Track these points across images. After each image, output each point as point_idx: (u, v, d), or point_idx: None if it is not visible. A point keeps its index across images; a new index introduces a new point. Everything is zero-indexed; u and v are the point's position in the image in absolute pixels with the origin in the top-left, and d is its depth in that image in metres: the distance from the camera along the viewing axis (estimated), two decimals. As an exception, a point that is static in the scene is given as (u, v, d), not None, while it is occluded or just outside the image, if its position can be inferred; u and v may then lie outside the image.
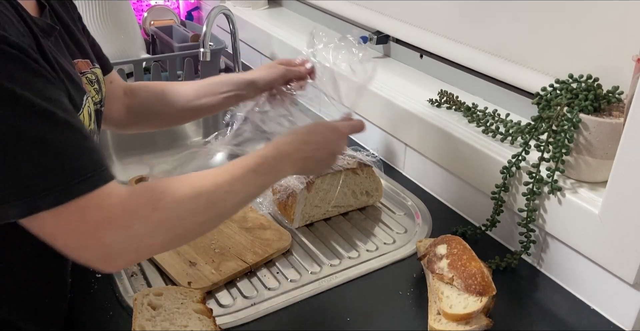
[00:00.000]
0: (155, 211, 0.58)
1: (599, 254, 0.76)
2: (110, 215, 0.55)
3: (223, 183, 0.64)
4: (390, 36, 1.28)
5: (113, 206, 0.55)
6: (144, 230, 0.57)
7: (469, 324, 0.72)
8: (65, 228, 0.54)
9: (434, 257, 0.79)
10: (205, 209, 0.62)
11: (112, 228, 0.55)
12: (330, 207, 0.99)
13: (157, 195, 0.59)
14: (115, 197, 0.56)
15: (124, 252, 0.57)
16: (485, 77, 1.06)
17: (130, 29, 1.51)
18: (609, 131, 0.75)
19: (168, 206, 0.59)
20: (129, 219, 0.56)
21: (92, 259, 0.57)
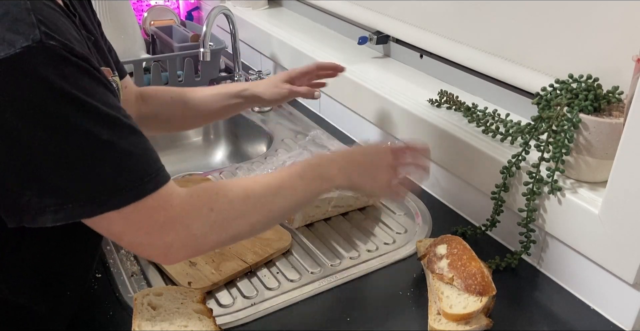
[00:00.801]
0: (211, 211, 0.63)
1: (599, 254, 0.76)
2: (172, 216, 0.60)
3: (272, 187, 0.68)
4: (390, 36, 1.28)
5: (175, 207, 0.60)
6: (201, 230, 0.62)
7: (469, 324, 0.72)
8: (133, 228, 0.59)
9: (434, 257, 0.79)
10: (255, 211, 0.67)
11: (174, 229, 0.60)
12: (330, 207, 0.99)
13: (213, 196, 0.64)
14: (177, 197, 0.61)
15: (182, 249, 0.62)
16: (485, 77, 1.06)
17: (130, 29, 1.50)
18: (609, 131, 0.75)
19: (223, 208, 0.64)
20: (189, 219, 0.61)
21: (154, 255, 0.63)
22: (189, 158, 1.47)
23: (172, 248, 0.61)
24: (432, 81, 1.17)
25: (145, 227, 0.59)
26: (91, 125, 0.54)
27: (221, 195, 0.64)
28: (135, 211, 0.58)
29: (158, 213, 0.59)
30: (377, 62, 1.28)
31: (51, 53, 0.52)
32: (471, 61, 1.06)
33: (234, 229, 0.65)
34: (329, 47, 1.38)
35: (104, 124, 0.55)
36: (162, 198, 0.59)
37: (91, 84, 0.55)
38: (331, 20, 1.50)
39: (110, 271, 0.85)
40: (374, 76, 1.20)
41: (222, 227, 0.64)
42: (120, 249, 0.91)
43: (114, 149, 0.56)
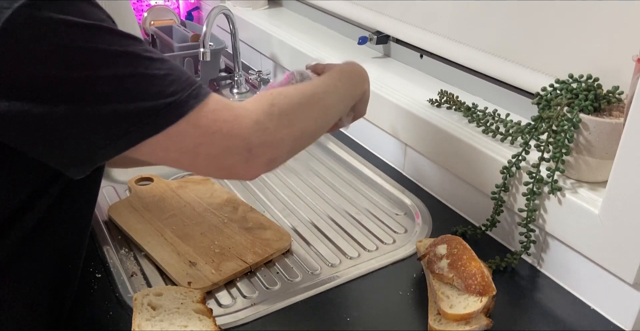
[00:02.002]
0: (273, 106, 0.65)
1: (599, 254, 0.76)
2: (238, 113, 0.61)
3: (320, 87, 0.75)
4: (390, 36, 1.28)
5: (237, 107, 0.62)
6: (270, 123, 0.63)
7: (469, 324, 0.72)
8: (207, 133, 0.59)
9: (434, 257, 0.79)
10: (312, 105, 0.71)
11: (245, 124, 0.61)
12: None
13: (269, 95, 0.66)
14: (232, 101, 0.63)
15: (262, 146, 0.63)
16: (485, 77, 1.06)
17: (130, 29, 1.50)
18: (609, 131, 0.75)
19: (283, 102, 0.66)
20: (254, 114, 0.62)
21: (236, 162, 0.62)
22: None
23: (252, 148, 0.61)
24: (432, 81, 1.17)
25: (218, 128, 0.59)
26: (128, 44, 0.56)
27: (277, 93, 0.67)
28: (203, 116, 0.59)
29: (225, 113, 0.60)
30: (377, 62, 1.28)
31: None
32: (471, 61, 1.06)
33: (300, 121, 0.68)
34: (329, 47, 1.38)
35: (138, 43, 0.57)
36: (221, 100, 0.61)
37: (108, 21, 0.58)
38: (331, 20, 1.50)
39: (110, 271, 0.85)
40: (374, 76, 1.19)
41: (289, 119, 0.66)
42: (120, 249, 0.91)
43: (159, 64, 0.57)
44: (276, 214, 1.02)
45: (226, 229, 0.95)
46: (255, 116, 0.62)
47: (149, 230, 0.94)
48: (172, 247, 0.90)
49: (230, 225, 0.96)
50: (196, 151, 0.60)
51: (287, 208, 1.04)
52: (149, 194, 1.05)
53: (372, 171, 1.13)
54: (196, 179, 1.11)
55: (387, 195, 1.07)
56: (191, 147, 0.59)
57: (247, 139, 0.61)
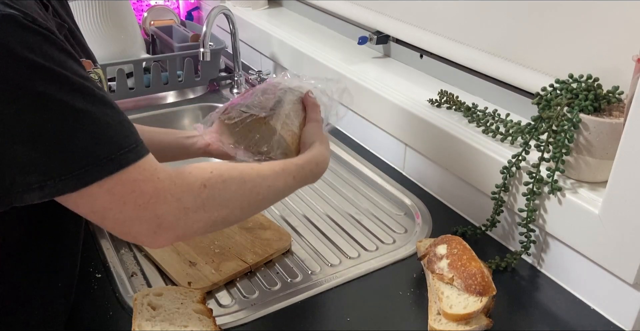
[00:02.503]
0: (204, 188, 0.61)
1: (599, 254, 0.76)
2: (161, 187, 0.57)
3: (267, 177, 0.68)
4: (390, 36, 1.28)
5: (163, 180, 0.58)
6: (193, 204, 0.59)
7: (469, 324, 0.72)
8: (118, 202, 0.56)
9: (434, 257, 0.79)
10: (248, 195, 0.66)
11: (164, 199, 0.57)
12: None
13: (206, 174, 0.62)
14: (163, 171, 0.58)
15: (174, 224, 0.59)
16: (485, 77, 1.06)
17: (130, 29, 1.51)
18: (609, 131, 0.75)
19: (217, 185, 0.62)
20: (179, 191, 0.59)
21: (143, 232, 0.58)
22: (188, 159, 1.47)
23: (163, 223, 0.58)
24: (432, 81, 1.17)
25: (132, 199, 0.56)
26: (63, 94, 0.52)
27: (215, 174, 0.62)
28: (120, 184, 0.55)
29: (145, 185, 0.56)
30: (377, 62, 1.28)
31: (11, 21, 0.50)
32: (471, 61, 1.06)
33: (226, 209, 0.63)
34: (329, 47, 1.38)
35: (76, 93, 0.53)
36: (147, 170, 0.57)
37: (59, 54, 0.53)
38: (331, 20, 1.50)
39: (110, 271, 0.85)
40: (374, 76, 1.20)
41: (215, 205, 0.62)
42: (120, 249, 0.91)
43: (89, 119, 0.53)
44: (276, 214, 1.02)
45: (226, 229, 0.95)
46: (180, 194, 0.58)
47: (149, 230, 0.94)
48: (172, 247, 0.90)
49: (230, 225, 0.96)
50: (104, 214, 0.57)
51: (287, 208, 1.04)
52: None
53: (372, 171, 1.13)
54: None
55: (387, 195, 1.07)
56: (100, 209, 0.56)
57: (160, 217, 0.58)
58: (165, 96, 1.52)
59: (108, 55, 1.42)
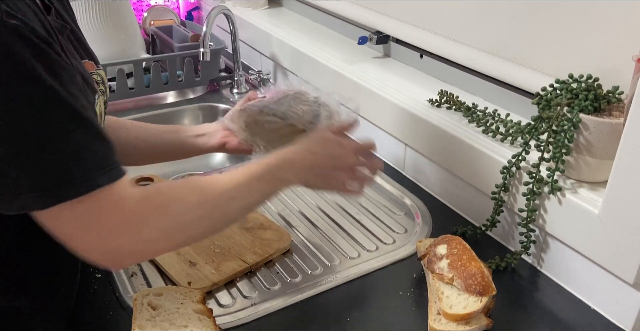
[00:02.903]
0: (164, 216, 0.61)
1: (599, 254, 0.76)
2: (125, 219, 0.58)
3: (228, 190, 0.66)
4: (390, 36, 1.28)
5: (128, 211, 0.58)
6: (153, 236, 0.60)
7: (469, 324, 0.72)
8: (84, 228, 0.57)
9: (434, 257, 0.79)
10: (211, 215, 0.65)
11: (125, 233, 0.58)
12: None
13: (167, 201, 0.62)
14: (131, 200, 0.59)
15: (130, 254, 0.61)
16: (485, 77, 1.06)
17: (130, 29, 1.51)
18: (609, 131, 0.75)
19: (176, 213, 0.62)
20: (141, 224, 0.59)
21: (101, 259, 0.60)
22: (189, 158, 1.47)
23: (121, 252, 0.60)
24: (432, 81, 1.17)
25: (96, 228, 0.57)
26: (48, 109, 0.52)
27: (176, 200, 0.63)
28: (88, 212, 0.56)
29: (111, 215, 0.57)
30: (377, 62, 1.28)
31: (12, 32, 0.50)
32: (471, 61, 1.06)
33: (185, 235, 0.64)
34: (329, 47, 1.38)
35: (61, 110, 0.53)
36: (116, 199, 0.58)
37: (53, 68, 0.53)
38: (331, 20, 1.50)
39: (110, 271, 0.85)
40: (374, 76, 1.20)
41: (174, 233, 0.62)
42: (120, 249, 0.91)
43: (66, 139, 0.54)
44: (276, 214, 1.02)
45: (226, 229, 0.95)
46: (141, 226, 0.59)
47: (149, 230, 0.94)
48: (172, 247, 0.90)
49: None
50: (70, 237, 0.58)
51: (287, 208, 1.04)
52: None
53: (372, 171, 1.13)
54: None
55: (387, 195, 1.07)
56: (66, 232, 0.57)
57: (120, 247, 0.59)
58: (165, 96, 1.52)
59: (108, 55, 1.42)
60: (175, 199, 0.63)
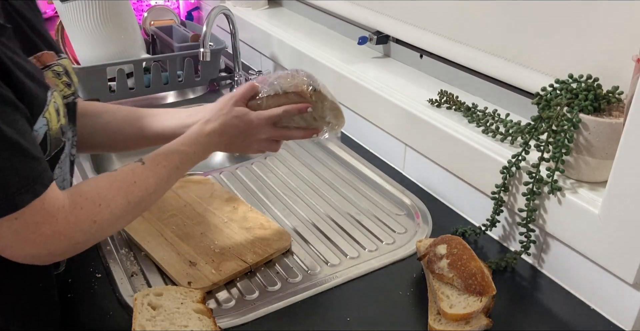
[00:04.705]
0: (94, 223, 0.66)
1: (599, 254, 0.76)
2: (58, 229, 0.62)
3: (151, 186, 0.72)
4: (390, 36, 1.28)
5: (60, 221, 0.62)
6: (84, 239, 0.66)
7: (469, 324, 0.72)
8: (20, 241, 0.61)
9: (434, 257, 0.79)
10: (136, 210, 0.72)
11: (59, 241, 0.63)
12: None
13: (96, 209, 0.66)
14: (62, 211, 0.63)
15: (64, 255, 0.68)
16: (485, 77, 1.06)
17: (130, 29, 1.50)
18: (609, 131, 0.75)
19: (105, 218, 0.67)
20: (73, 232, 0.64)
21: (36, 262, 0.66)
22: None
23: (55, 257, 0.66)
24: (432, 81, 1.17)
25: (31, 240, 0.61)
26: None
27: (104, 207, 0.67)
28: (23, 226, 0.60)
29: (44, 228, 0.61)
30: (377, 62, 1.28)
31: None
32: (471, 60, 1.06)
33: (114, 229, 0.70)
34: (329, 47, 1.38)
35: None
36: (46, 213, 0.61)
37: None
38: (331, 20, 1.50)
39: (110, 271, 0.85)
40: (374, 76, 1.20)
41: (103, 233, 0.68)
42: (120, 249, 0.91)
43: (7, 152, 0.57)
44: (276, 214, 1.02)
45: (226, 229, 0.95)
46: (73, 233, 0.64)
47: (149, 230, 0.94)
48: (172, 247, 0.90)
49: (230, 225, 0.96)
50: (3, 249, 0.62)
51: (287, 208, 1.04)
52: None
53: (372, 171, 1.13)
54: (196, 179, 1.11)
55: (387, 195, 1.07)
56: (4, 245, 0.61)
57: (53, 253, 0.64)
58: (165, 96, 1.52)
59: (108, 55, 1.42)
60: (104, 206, 0.67)
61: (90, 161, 1.17)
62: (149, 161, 0.74)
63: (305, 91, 0.85)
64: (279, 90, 0.85)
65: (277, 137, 0.87)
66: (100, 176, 0.71)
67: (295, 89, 0.85)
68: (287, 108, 0.84)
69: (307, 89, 0.85)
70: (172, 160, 0.76)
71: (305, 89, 0.85)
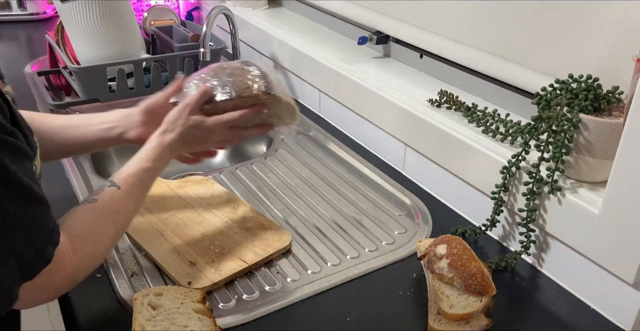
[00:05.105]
0: (93, 260, 0.70)
1: (599, 254, 0.76)
2: (66, 274, 0.65)
3: (131, 210, 0.76)
4: (390, 36, 1.28)
5: (68, 266, 0.65)
6: (84, 275, 0.70)
7: (468, 324, 0.72)
8: (38, 291, 0.63)
9: (433, 257, 0.79)
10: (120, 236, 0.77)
11: (66, 284, 0.67)
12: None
13: (93, 246, 0.69)
14: (67, 256, 0.65)
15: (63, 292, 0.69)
16: (485, 77, 1.06)
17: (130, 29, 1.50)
18: (609, 131, 0.75)
19: (101, 253, 0.71)
20: (77, 272, 0.67)
21: (42, 303, 0.67)
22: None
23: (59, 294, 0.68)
24: (432, 81, 1.17)
25: (43, 289, 0.63)
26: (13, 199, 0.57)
27: (99, 243, 0.70)
28: (40, 278, 0.61)
29: (56, 275, 0.63)
30: (377, 62, 1.29)
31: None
32: (471, 60, 1.06)
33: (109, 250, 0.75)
34: (329, 47, 1.38)
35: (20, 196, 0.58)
36: (59, 259, 0.63)
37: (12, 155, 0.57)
38: (331, 20, 1.50)
39: (110, 271, 0.85)
40: (374, 76, 1.20)
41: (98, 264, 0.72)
42: (120, 249, 0.91)
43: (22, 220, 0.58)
44: (276, 214, 1.02)
45: (226, 229, 0.95)
46: (76, 274, 0.67)
47: (149, 230, 0.94)
48: (172, 247, 0.90)
49: (230, 225, 0.96)
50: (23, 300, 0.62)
51: (287, 208, 1.04)
52: (149, 194, 1.04)
53: (372, 171, 1.13)
54: (196, 179, 1.11)
55: (387, 195, 1.07)
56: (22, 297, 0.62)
57: (58, 292, 0.67)
58: (165, 96, 1.51)
59: (108, 55, 1.42)
60: (99, 242, 0.70)
61: (90, 162, 1.17)
62: (123, 183, 0.76)
63: (260, 95, 0.85)
64: (234, 94, 0.85)
65: (234, 138, 0.90)
66: (83, 210, 0.72)
67: (249, 94, 0.85)
68: (243, 113, 0.86)
69: (261, 93, 0.85)
70: (144, 179, 0.79)
71: (260, 94, 0.85)
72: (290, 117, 0.91)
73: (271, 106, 0.88)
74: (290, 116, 0.91)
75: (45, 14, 2.11)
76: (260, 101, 0.86)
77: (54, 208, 0.64)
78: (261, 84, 0.85)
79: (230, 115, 0.85)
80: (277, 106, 0.88)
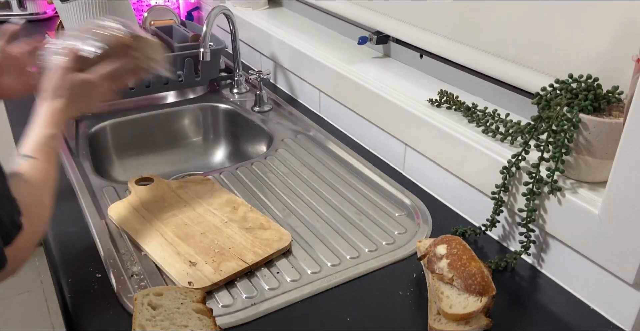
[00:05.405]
0: (45, 224, 0.77)
1: (599, 254, 0.76)
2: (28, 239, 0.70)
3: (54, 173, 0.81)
4: (390, 36, 1.28)
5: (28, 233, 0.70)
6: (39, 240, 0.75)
7: (468, 324, 0.72)
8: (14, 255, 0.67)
9: (433, 257, 0.79)
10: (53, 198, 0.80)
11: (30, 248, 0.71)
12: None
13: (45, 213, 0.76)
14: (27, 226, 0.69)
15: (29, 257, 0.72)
16: (485, 77, 1.06)
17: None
18: (609, 131, 0.75)
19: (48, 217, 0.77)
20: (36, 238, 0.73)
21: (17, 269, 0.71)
22: (189, 158, 1.47)
23: (27, 259, 0.71)
24: (432, 81, 1.17)
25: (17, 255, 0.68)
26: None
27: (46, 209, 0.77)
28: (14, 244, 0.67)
29: (22, 242, 0.68)
30: (377, 62, 1.29)
31: None
32: (471, 61, 1.06)
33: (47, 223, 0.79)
34: (329, 47, 1.38)
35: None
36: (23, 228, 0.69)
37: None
38: (331, 20, 1.50)
39: (110, 271, 0.85)
40: (374, 76, 1.20)
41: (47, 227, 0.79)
42: (120, 249, 0.91)
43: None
44: (276, 214, 1.02)
45: (226, 229, 0.95)
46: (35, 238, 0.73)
47: (149, 230, 0.94)
48: (172, 247, 0.90)
49: (230, 225, 0.96)
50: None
51: (287, 208, 1.04)
52: (149, 194, 1.04)
53: (372, 171, 1.13)
54: (196, 179, 1.11)
55: (387, 195, 1.07)
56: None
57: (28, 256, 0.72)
58: (165, 96, 1.52)
59: (108, 55, 1.42)
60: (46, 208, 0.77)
61: (90, 162, 1.17)
62: (39, 154, 0.79)
63: (128, 39, 0.90)
64: (105, 46, 0.89)
65: (117, 87, 0.92)
66: (21, 187, 0.74)
67: (118, 41, 0.89)
68: (123, 63, 0.89)
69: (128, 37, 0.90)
70: (52, 145, 0.82)
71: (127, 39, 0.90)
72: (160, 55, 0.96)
73: (142, 49, 0.92)
74: (160, 54, 0.96)
75: (45, 14, 2.11)
76: (130, 46, 0.91)
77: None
78: (125, 31, 0.90)
79: (109, 65, 0.88)
80: (145, 47, 0.93)
